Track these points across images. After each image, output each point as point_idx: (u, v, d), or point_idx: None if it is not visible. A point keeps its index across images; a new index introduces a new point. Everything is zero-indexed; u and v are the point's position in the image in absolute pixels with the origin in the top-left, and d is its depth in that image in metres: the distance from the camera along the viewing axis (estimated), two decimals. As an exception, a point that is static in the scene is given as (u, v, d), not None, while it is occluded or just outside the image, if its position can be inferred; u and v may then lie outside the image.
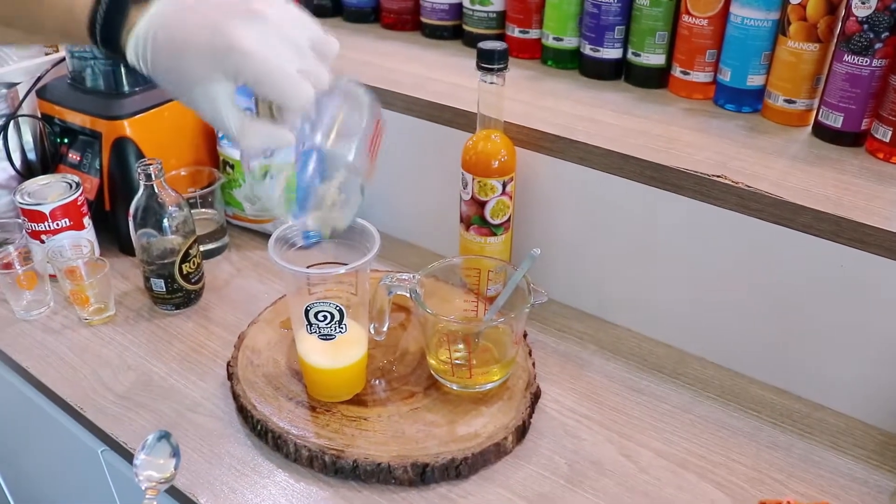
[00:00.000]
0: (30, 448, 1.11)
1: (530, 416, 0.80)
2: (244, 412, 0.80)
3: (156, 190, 0.91)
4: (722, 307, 0.87)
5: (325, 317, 0.75)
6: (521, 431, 0.78)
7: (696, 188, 0.82)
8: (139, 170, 0.90)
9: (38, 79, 1.12)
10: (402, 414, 0.78)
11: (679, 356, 0.92)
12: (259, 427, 0.77)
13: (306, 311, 0.75)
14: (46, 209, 0.95)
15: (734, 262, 0.84)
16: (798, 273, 0.80)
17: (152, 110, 1.05)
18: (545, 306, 0.98)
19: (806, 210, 0.76)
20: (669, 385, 0.87)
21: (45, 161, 1.14)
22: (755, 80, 0.93)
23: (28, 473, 1.20)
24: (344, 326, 0.76)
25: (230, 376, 0.84)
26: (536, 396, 0.82)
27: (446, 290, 0.86)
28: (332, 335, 0.76)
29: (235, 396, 0.81)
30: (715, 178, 0.81)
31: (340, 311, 0.75)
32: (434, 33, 1.22)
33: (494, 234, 0.93)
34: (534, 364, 0.85)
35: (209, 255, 1.09)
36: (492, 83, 0.86)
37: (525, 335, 0.90)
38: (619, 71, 1.05)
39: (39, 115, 1.12)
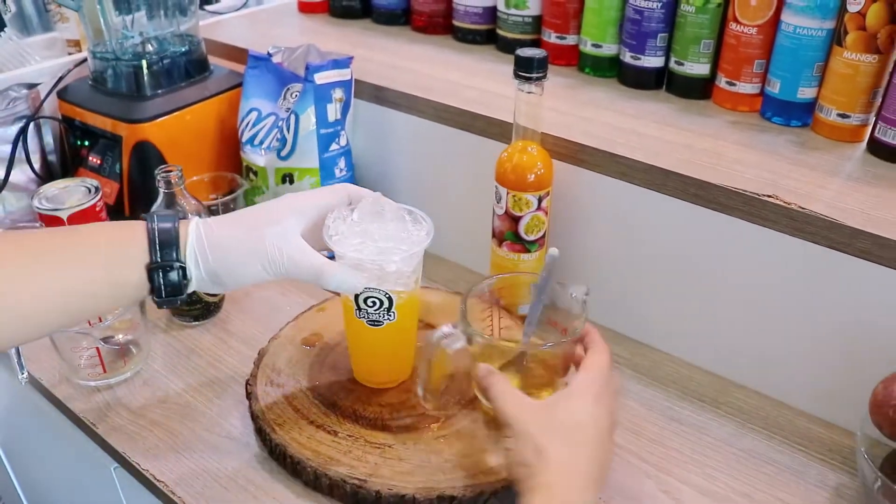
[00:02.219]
0: (46, 461, 1.08)
1: (564, 447, 0.75)
2: (262, 434, 0.76)
3: (176, 198, 0.88)
4: (768, 334, 0.82)
5: (375, 303, 0.73)
6: (554, 463, 0.73)
7: (744, 208, 0.77)
8: (159, 177, 0.86)
9: (60, 79, 1.10)
10: (429, 442, 0.74)
11: (721, 384, 0.87)
12: (277, 451, 0.73)
13: (356, 296, 0.73)
14: (64, 215, 0.92)
15: (783, 287, 0.79)
16: (855, 302, 0.75)
17: (174, 114, 1.03)
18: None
19: (865, 235, 0.71)
20: (710, 415, 0.82)
21: (66, 164, 1.12)
22: (806, 93, 0.88)
23: (46, 486, 1.18)
24: (393, 314, 0.74)
25: (248, 396, 0.80)
26: (570, 425, 0.77)
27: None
28: (380, 322, 0.74)
29: (254, 418, 0.77)
30: (766, 198, 0.76)
31: (390, 299, 0.73)
32: (467, 37, 1.18)
33: (528, 251, 0.88)
34: (568, 390, 0.80)
35: (230, 264, 1.05)
36: (529, 92, 0.81)
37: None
38: (661, 80, 1.01)
39: (60, 117, 1.09)
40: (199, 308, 0.93)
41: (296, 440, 0.73)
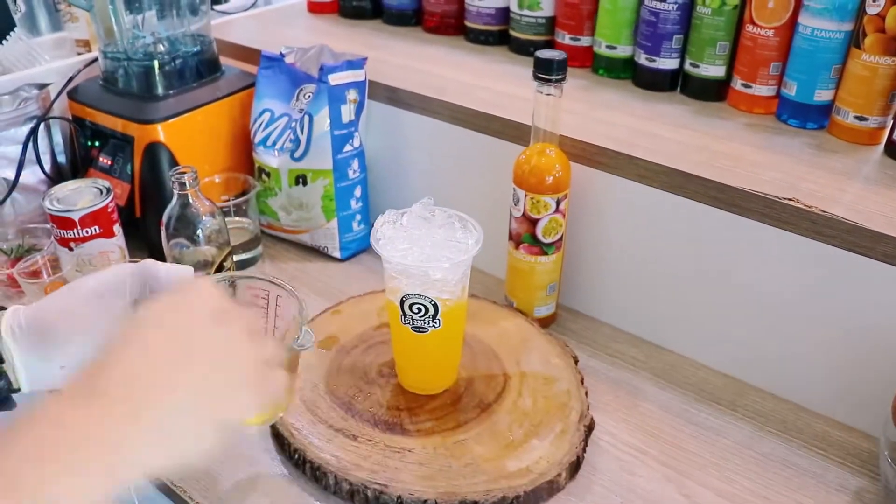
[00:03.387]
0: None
1: (584, 451, 0.75)
2: (280, 439, 0.75)
3: (190, 199, 0.88)
4: (787, 337, 0.82)
5: (420, 309, 0.73)
6: (575, 467, 0.73)
7: (764, 211, 0.77)
8: (173, 178, 0.86)
9: (70, 79, 1.09)
10: (449, 446, 0.73)
11: (738, 387, 0.86)
12: (297, 456, 0.73)
13: (401, 302, 0.73)
14: (76, 216, 0.91)
15: (802, 290, 0.79)
16: (875, 306, 0.74)
17: (186, 114, 1.02)
18: (596, 330, 0.94)
19: (887, 238, 0.71)
20: (728, 418, 0.82)
21: (76, 165, 1.11)
22: (823, 95, 0.88)
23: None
24: (438, 321, 0.73)
25: (266, 399, 0.79)
26: (590, 428, 0.77)
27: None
28: (424, 329, 0.74)
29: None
30: (786, 202, 0.75)
31: (435, 306, 0.72)
32: (479, 38, 1.17)
33: (545, 254, 0.88)
34: (586, 393, 0.80)
35: (242, 265, 1.05)
36: (549, 94, 0.81)
37: (576, 361, 0.85)
38: (676, 82, 1.00)
39: (70, 118, 1.09)
40: (213, 310, 0.93)
41: (314, 445, 0.73)
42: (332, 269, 1.06)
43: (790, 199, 0.75)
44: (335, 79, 0.98)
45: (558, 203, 0.85)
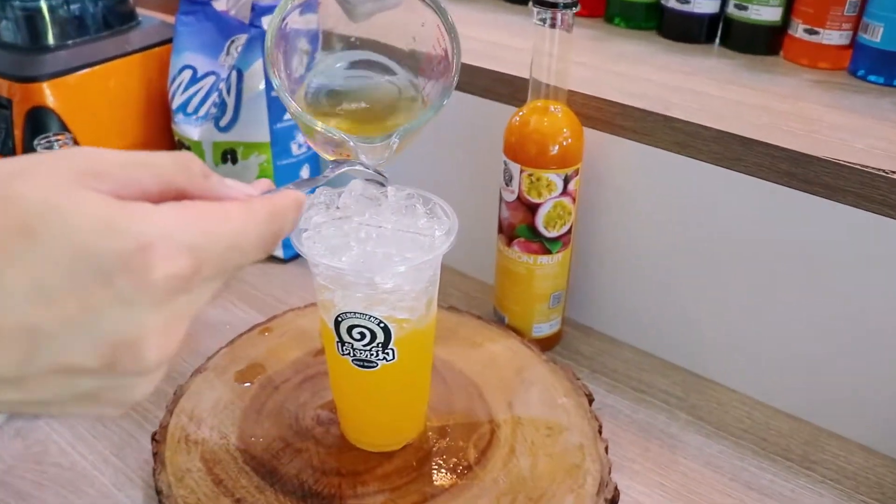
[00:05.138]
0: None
1: (605, 535, 0.52)
2: (167, 518, 0.52)
3: (67, 177, 0.65)
4: (882, 365, 0.60)
5: (363, 335, 0.50)
6: (593, 561, 0.50)
7: (859, 190, 0.55)
8: (39, 148, 0.64)
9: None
10: (409, 532, 0.50)
11: (812, 434, 0.64)
12: (187, 546, 0.50)
13: (336, 324, 0.50)
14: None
15: (911, 302, 0.56)
16: None
17: (83, 71, 0.80)
18: (615, 354, 0.72)
19: None
20: (802, 480, 0.60)
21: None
22: (919, 41, 0.66)
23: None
24: (391, 352, 0.51)
25: (155, 457, 0.56)
26: (613, 502, 0.54)
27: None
28: (372, 363, 0.52)
29: (158, 492, 0.54)
30: (892, 176, 0.53)
31: (386, 331, 0.50)
32: (463, -17, 0.96)
33: (548, 252, 0.65)
34: (606, 448, 0.57)
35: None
36: (553, 27, 0.58)
37: (591, 400, 0.62)
38: (714, 31, 0.80)
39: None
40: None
41: (213, 531, 0.50)
42: (272, 272, 0.83)
43: (899, 174, 0.53)
44: (271, 22, 0.75)
45: (566, 182, 0.62)
